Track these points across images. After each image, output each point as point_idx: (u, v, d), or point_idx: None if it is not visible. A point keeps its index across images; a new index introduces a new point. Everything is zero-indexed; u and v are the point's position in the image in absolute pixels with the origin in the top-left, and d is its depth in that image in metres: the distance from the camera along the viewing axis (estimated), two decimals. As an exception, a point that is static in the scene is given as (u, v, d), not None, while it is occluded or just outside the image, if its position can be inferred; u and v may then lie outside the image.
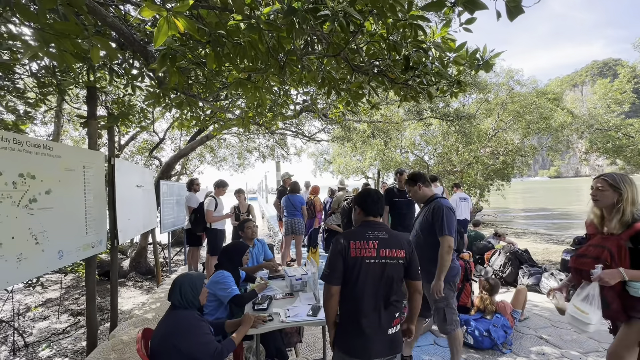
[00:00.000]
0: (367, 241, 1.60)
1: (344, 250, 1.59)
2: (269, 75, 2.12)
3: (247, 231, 3.21)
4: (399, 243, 1.63)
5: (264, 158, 12.43)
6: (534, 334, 3.13)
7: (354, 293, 1.58)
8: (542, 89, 14.77)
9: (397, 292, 1.61)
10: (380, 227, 1.69)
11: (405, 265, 1.62)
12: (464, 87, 2.50)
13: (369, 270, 1.57)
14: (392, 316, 1.59)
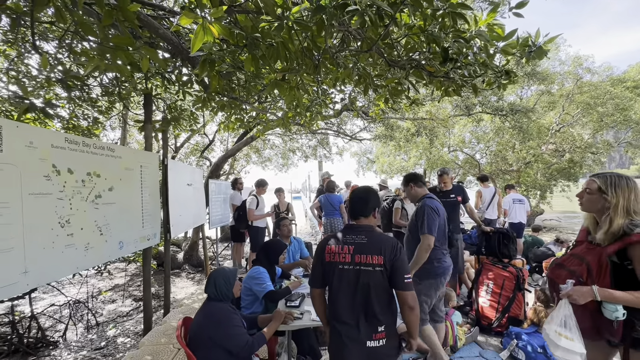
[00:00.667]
0: (343, 246, 1.54)
1: (320, 255, 1.59)
2: (302, 75, 2.14)
3: (282, 229, 3.30)
4: (377, 248, 1.50)
5: (306, 158, 12.65)
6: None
7: (331, 298, 1.56)
8: (619, 76, 12.92)
9: (380, 302, 1.49)
10: (362, 230, 1.59)
11: (386, 273, 1.48)
12: (513, 77, 2.28)
13: (342, 276, 1.51)
14: (373, 328, 1.48)
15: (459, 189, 3.81)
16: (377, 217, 1.70)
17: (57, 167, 2.11)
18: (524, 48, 2.04)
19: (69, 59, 3.59)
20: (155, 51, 1.88)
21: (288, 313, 1.96)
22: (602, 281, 1.40)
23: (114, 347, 3.81)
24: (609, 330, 1.39)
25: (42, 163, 2.00)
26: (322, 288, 1.63)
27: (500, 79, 2.33)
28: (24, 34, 3.41)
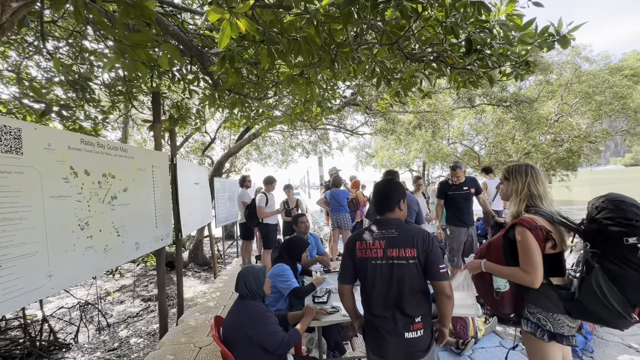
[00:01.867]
0: (374, 241, 1.54)
1: (351, 251, 1.59)
2: (322, 69, 2.11)
3: (300, 225, 3.29)
4: (410, 241, 1.51)
5: (307, 154, 12.62)
6: (620, 341, 2.79)
7: (365, 293, 1.57)
8: (617, 64, 12.96)
9: (415, 294, 1.50)
10: (391, 224, 1.58)
11: (420, 265, 1.49)
12: (532, 67, 2.26)
13: (376, 272, 1.52)
14: (410, 320, 1.48)
15: (472, 181, 3.82)
16: (404, 208, 1.67)
17: (74, 168, 2.08)
18: (543, 37, 2.02)
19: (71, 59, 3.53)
20: (176, 49, 1.84)
21: (319, 309, 1.96)
22: (497, 257, 1.57)
23: (128, 348, 3.80)
24: (493, 300, 1.60)
25: (60, 165, 1.97)
26: (352, 284, 1.63)
27: (519, 70, 2.32)
28: (26, 34, 3.34)
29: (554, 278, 1.48)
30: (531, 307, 1.51)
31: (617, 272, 1.29)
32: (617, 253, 1.30)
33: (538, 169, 1.63)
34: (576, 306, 1.38)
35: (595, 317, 1.36)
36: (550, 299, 1.46)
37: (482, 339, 2.78)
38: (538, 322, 1.48)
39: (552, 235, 1.45)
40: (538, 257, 1.43)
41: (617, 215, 1.32)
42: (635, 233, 1.27)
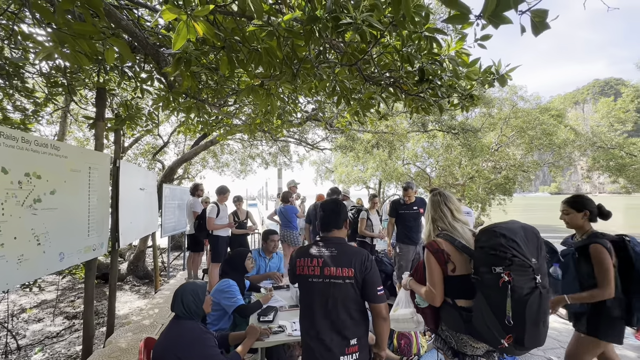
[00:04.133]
0: (312, 259, 1.54)
1: (292, 267, 1.60)
2: (282, 82, 2.10)
3: (269, 243, 3.18)
4: (348, 261, 1.50)
5: (266, 165, 12.44)
6: (543, 355, 3.05)
7: (303, 312, 1.55)
8: (546, 105, 14.85)
9: (351, 315, 1.48)
10: (332, 243, 1.58)
11: (357, 286, 1.48)
12: (476, 100, 2.49)
13: (313, 290, 1.51)
14: (345, 342, 1.45)
15: (422, 202, 4.02)
16: (347, 227, 1.71)
17: (-12, 165, 1.80)
18: (485, 75, 2.24)
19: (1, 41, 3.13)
20: (126, 44, 1.71)
21: (264, 329, 1.86)
22: (420, 276, 1.70)
23: (41, 375, 3.30)
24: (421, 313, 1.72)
25: (-32, 160, 1.69)
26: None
27: (464, 101, 2.53)
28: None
29: (460, 300, 1.53)
30: (442, 324, 1.60)
31: (492, 298, 1.36)
32: (488, 280, 1.38)
33: (448, 195, 1.74)
34: (472, 326, 1.45)
35: (481, 337, 1.43)
36: (454, 319, 1.53)
37: (424, 355, 2.87)
38: (446, 339, 1.57)
39: (451, 259, 1.53)
40: (437, 278, 1.53)
41: (486, 244, 1.40)
42: (500, 263, 1.34)
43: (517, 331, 1.33)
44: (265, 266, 3.18)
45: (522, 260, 1.34)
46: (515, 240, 1.37)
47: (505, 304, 1.33)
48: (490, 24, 1.33)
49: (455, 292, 1.56)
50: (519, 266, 1.34)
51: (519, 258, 1.35)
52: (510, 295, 1.32)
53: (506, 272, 1.34)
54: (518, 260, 1.34)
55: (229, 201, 5.07)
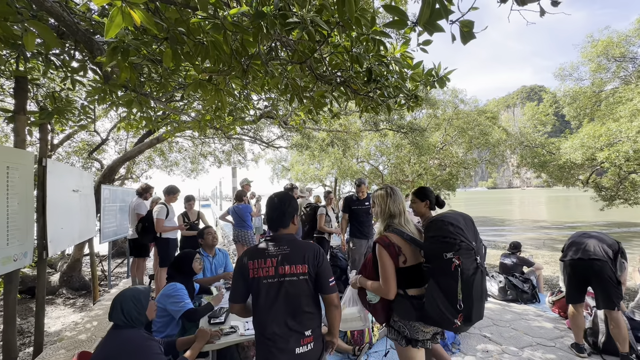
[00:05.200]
0: (266, 259, 1.50)
1: (242, 271, 1.51)
2: (231, 78, 2.05)
3: (207, 237, 3.03)
4: (300, 257, 1.51)
5: (219, 163, 11.97)
6: (479, 332, 3.38)
7: (257, 313, 1.51)
8: (483, 107, 16.34)
9: (306, 310, 1.50)
10: (284, 240, 1.56)
11: (311, 280, 1.51)
12: (420, 101, 2.66)
13: (268, 291, 1.47)
14: (300, 334, 1.48)
15: (373, 197, 4.20)
16: (297, 223, 1.69)
17: None
18: (427, 77, 2.41)
19: None
20: (47, 27, 1.53)
21: (214, 331, 1.80)
22: (369, 272, 1.76)
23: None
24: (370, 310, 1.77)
25: None
26: (243, 303, 1.55)
27: (410, 102, 2.69)
28: None
29: (410, 289, 1.66)
30: (395, 316, 1.69)
31: (444, 283, 1.51)
32: (440, 266, 1.52)
33: (397, 191, 1.84)
34: (424, 313, 1.58)
35: (435, 322, 1.57)
36: (406, 308, 1.64)
37: (376, 343, 3.01)
38: (399, 329, 1.66)
39: (402, 251, 1.64)
40: (390, 272, 1.61)
41: (436, 233, 1.56)
42: (451, 249, 1.50)
43: (466, 309, 1.48)
44: (210, 265, 3.06)
45: (467, 244, 1.51)
46: (460, 227, 1.55)
47: (456, 287, 1.47)
48: (425, 31, 1.44)
49: (406, 283, 1.66)
50: (465, 250, 1.50)
51: (465, 242, 1.51)
52: (460, 277, 1.46)
53: (456, 256, 1.49)
54: (465, 245, 1.51)
55: (179, 202, 4.80)
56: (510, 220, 22.03)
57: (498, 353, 2.96)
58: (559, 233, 14.78)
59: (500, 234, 16.69)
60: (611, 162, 11.61)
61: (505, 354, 2.94)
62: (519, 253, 5.08)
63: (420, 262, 1.70)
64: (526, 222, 20.92)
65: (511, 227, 18.17)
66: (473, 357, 2.88)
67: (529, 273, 4.77)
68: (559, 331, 3.41)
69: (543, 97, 17.56)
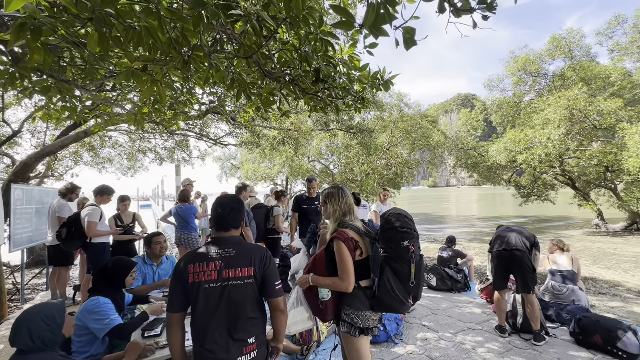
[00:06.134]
0: (208, 263, 1.42)
1: (181, 276, 1.41)
2: (170, 68, 1.89)
3: (154, 247, 2.75)
4: (247, 260, 1.47)
5: (160, 160, 11.11)
6: (419, 322, 3.61)
7: (196, 322, 1.41)
8: (425, 111, 17.57)
9: (250, 315, 1.45)
10: (229, 242, 1.50)
11: (257, 283, 1.47)
12: (367, 103, 2.74)
13: (209, 296, 1.39)
14: (243, 343, 1.42)
15: (323, 196, 4.24)
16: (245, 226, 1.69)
17: None
18: (373, 80, 2.49)
19: None
20: None
21: (148, 345, 1.64)
22: (321, 269, 1.82)
23: None
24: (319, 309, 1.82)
25: None
26: (183, 312, 1.44)
27: (357, 103, 2.76)
28: None
29: (362, 281, 1.75)
30: (347, 309, 1.74)
31: (399, 268, 1.68)
32: (398, 254, 1.68)
33: (346, 190, 1.93)
34: (376, 301, 1.69)
35: (389, 307, 1.70)
36: (359, 299, 1.72)
37: (324, 340, 3.04)
38: (352, 321, 1.72)
39: (359, 245, 1.75)
40: (350, 265, 1.68)
41: (397, 224, 1.73)
42: (408, 237, 1.70)
43: (415, 289, 1.70)
44: (153, 274, 2.80)
45: (417, 234, 1.77)
46: (410, 219, 1.77)
47: (410, 270, 1.68)
48: (371, 34, 1.48)
49: (359, 275, 1.74)
50: (416, 238, 1.74)
51: (416, 232, 1.76)
52: (414, 261, 1.69)
53: (411, 244, 1.70)
54: (416, 234, 1.75)
55: (111, 203, 4.31)
56: (447, 216, 24.06)
57: (435, 340, 3.20)
58: (487, 227, 16.55)
59: (439, 229, 18.14)
60: (528, 164, 13.34)
61: (442, 340, 3.19)
62: (454, 246, 5.56)
63: (369, 255, 1.80)
64: (460, 217, 23.03)
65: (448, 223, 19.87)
66: (414, 345, 3.07)
67: (462, 264, 5.25)
68: (486, 315, 3.80)
69: (475, 104, 19.52)
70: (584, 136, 13.18)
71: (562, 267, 3.86)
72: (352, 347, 1.74)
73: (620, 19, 14.93)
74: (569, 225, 16.12)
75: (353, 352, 1.74)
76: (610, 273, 7.26)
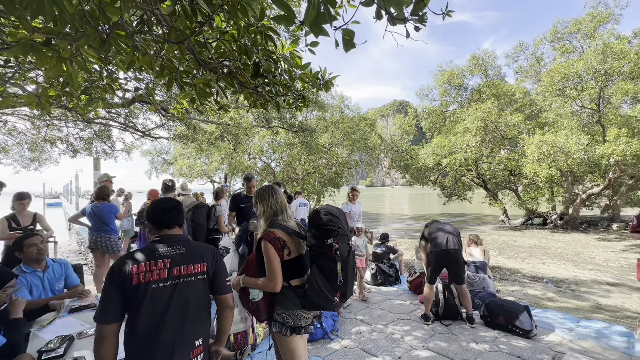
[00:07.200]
0: (157, 261, 1.34)
1: (121, 279, 1.28)
2: (81, 45, 1.64)
3: (29, 251, 2.29)
4: (199, 256, 1.44)
5: (74, 152, 9.68)
6: (354, 317, 3.76)
7: (139, 328, 1.27)
8: (364, 115, 18.41)
9: (198, 314, 1.39)
10: (177, 240, 1.46)
11: (208, 280, 1.45)
12: (307, 102, 2.74)
13: (157, 297, 1.29)
14: (190, 345, 1.35)
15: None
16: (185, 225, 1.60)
17: None
18: (315, 79, 2.50)
19: None
20: None
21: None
22: (253, 271, 1.83)
23: None
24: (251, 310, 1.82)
25: None
26: (119, 322, 1.27)
27: (298, 102, 2.74)
28: None
29: (293, 280, 1.75)
30: (278, 308, 1.73)
31: (325, 266, 1.68)
32: (323, 252, 1.69)
33: (277, 189, 1.90)
34: (306, 300, 1.69)
35: (317, 305, 1.70)
36: (290, 299, 1.72)
37: (261, 343, 2.97)
38: (283, 320, 1.71)
39: (287, 244, 1.72)
40: (277, 265, 1.66)
41: (321, 222, 1.73)
42: (332, 235, 1.70)
43: (343, 287, 1.68)
44: (41, 282, 2.36)
45: (343, 231, 1.74)
46: (337, 217, 1.76)
47: (336, 268, 1.66)
48: (312, 32, 1.47)
49: (290, 274, 1.73)
50: (342, 236, 1.71)
51: (342, 229, 1.73)
52: (339, 259, 1.67)
53: (336, 241, 1.68)
54: (341, 231, 1.73)
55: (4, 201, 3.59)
56: (383, 214, 25.65)
57: (369, 332, 3.36)
58: (417, 224, 18.07)
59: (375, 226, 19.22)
60: (451, 167, 14.93)
61: (375, 332, 3.36)
62: (387, 242, 5.92)
63: (301, 254, 1.80)
64: (394, 215, 24.76)
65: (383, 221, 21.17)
66: (349, 339, 3.18)
67: (394, 259, 5.62)
68: (413, 306, 4.13)
69: (408, 111, 21.15)
70: (494, 144, 15.23)
71: (476, 259, 4.39)
72: (285, 346, 1.72)
73: (523, 46, 17.63)
74: (482, 222, 18.50)
75: (286, 351, 1.73)
76: (512, 262, 8.52)
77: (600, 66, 11.50)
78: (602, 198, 14.64)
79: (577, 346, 3.02)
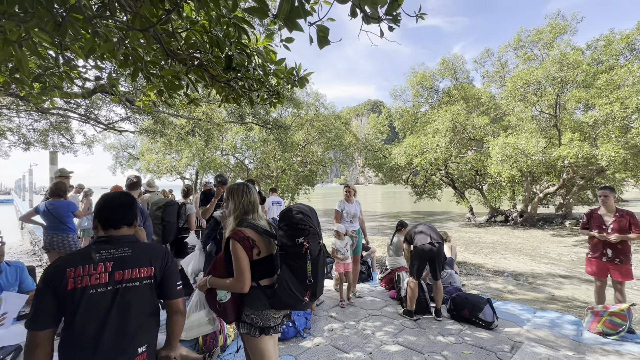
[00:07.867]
0: (96, 264, 1.25)
1: (55, 283, 1.18)
2: (31, 28, 1.50)
3: None
4: (146, 259, 1.35)
5: (27, 145, 8.93)
6: (326, 314, 3.78)
7: (72, 338, 1.19)
8: (339, 113, 18.52)
9: (142, 321, 1.32)
10: (124, 241, 1.36)
11: (155, 284, 1.37)
12: (282, 98, 2.70)
13: (95, 303, 1.21)
14: (133, 352, 1.28)
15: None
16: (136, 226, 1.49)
17: None
18: (289, 75, 2.46)
19: None
20: None
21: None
22: (221, 271, 1.80)
23: None
24: (218, 311, 1.78)
25: None
26: (54, 328, 1.19)
27: (272, 98, 2.69)
28: None
29: (262, 280, 1.71)
30: (247, 309, 1.69)
31: (295, 266, 1.67)
32: (293, 251, 1.67)
33: (251, 187, 1.86)
34: (276, 299, 1.66)
35: (287, 304, 1.68)
36: (259, 299, 1.68)
37: (231, 344, 2.90)
38: (252, 321, 1.67)
39: (256, 244, 1.68)
40: (245, 265, 1.62)
41: (292, 221, 1.72)
42: (302, 234, 1.68)
43: (313, 287, 1.67)
44: None
45: (314, 230, 1.72)
46: (308, 216, 1.74)
47: (306, 267, 1.65)
48: (285, 27, 1.43)
49: (259, 274, 1.69)
50: (312, 235, 1.70)
51: (313, 228, 1.72)
52: (309, 258, 1.65)
53: (306, 240, 1.66)
54: (312, 230, 1.71)
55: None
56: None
57: (341, 329, 3.39)
58: (389, 221, 18.52)
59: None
60: (421, 166, 15.44)
61: (346, 329, 3.40)
62: (360, 240, 6.00)
63: (271, 253, 1.77)
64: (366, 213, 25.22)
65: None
66: (321, 337, 3.19)
67: (366, 256, 5.71)
68: (384, 302, 4.22)
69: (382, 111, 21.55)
70: (462, 145, 15.92)
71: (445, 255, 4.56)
72: (254, 347, 1.69)
73: (489, 52, 18.52)
74: (449, 219, 19.32)
75: (256, 352, 1.69)
76: (476, 257, 8.97)
77: (557, 74, 12.35)
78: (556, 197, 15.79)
79: (533, 335, 3.23)
